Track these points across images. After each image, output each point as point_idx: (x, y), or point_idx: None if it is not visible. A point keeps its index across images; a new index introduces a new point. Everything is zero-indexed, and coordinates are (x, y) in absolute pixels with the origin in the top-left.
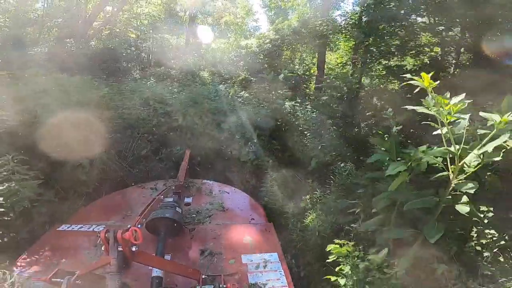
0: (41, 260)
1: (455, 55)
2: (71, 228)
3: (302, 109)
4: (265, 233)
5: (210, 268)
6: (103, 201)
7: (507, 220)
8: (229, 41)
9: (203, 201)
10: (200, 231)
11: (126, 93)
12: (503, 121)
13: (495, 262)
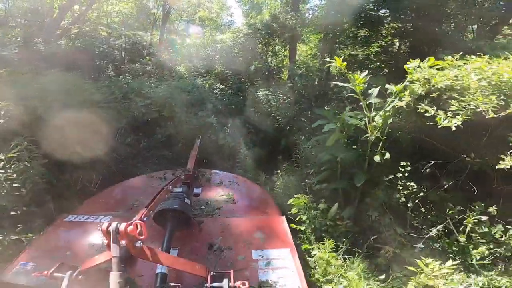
0: (45, 252)
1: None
2: (77, 219)
3: (274, 98)
4: (276, 227)
5: (218, 264)
6: (111, 191)
7: (424, 175)
8: (204, 36)
9: (213, 192)
10: (209, 223)
11: (104, 88)
12: (397, 90)
13: (419, 213)
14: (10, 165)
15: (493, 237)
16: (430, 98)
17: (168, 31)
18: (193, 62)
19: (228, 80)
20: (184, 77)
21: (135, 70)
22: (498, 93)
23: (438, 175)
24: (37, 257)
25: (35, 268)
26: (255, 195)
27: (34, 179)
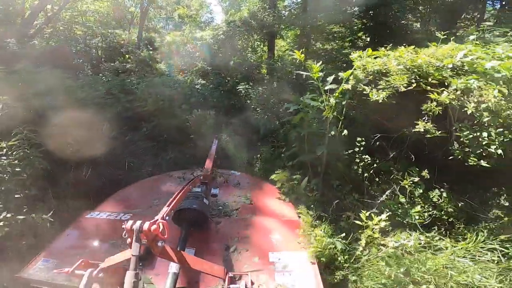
0: (67, 249)
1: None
2: (99, 216)
3: (254, 91)
4: (294, 229)
5: (235, 265)
6: (131, 189)
7: (375, 148)
8: (183, 34)
9: (231, 193)
10: (226, 224)
11: (85, 86)
12: (345, 75)
13: (373, 181)
14: (11, 152)
15: (431, 201)
16: (368, 81)
17: (147, 29)
18: (174, 59)
19: (209, 76)
20: (165, 74)
21: (114, 69)
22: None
23: (386, 147)
24: (59, 254)
25: (57, 265)
26: (272, 197)
27: (34, 165)
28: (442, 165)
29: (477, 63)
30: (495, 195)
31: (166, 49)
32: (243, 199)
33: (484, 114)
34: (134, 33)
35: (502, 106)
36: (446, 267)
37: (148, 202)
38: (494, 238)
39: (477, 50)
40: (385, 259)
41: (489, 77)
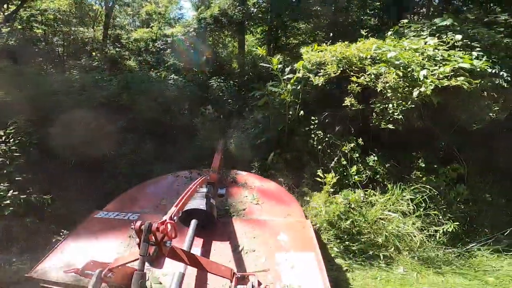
0: (76, 249)
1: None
2: (108, 216)
3: (225, 84)
4: (301, 230)
5: (242, 266)
6: (139, 189)
7: (327, 124)
8: (152, 30)
9: (237, 193)
10: (233, 225)
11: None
12: (298, 66)
13: (326, 152)
14: (9, 139)
15: (368, 164)
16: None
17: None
18: (143, 56)
19: (181, 71)
20: (136, 71)
21: (81, 66)
22: (340, 64)
23: (333, 123)
24: (69, 253)
25: (66, 265)
26: (279, 197)
27: (30, 151)
28: (375, 135)
29: (384, 54)
30: (415, 158)
31: (134, 46)
32: (250, 199)
33: (388, 91)
34: (99, 30)
35: (400, 85)
36: (380, 218)
37: (156, 202)
38: (409, 190)
39: (390, 43)
40: (337, 213)
41: (391, 64)
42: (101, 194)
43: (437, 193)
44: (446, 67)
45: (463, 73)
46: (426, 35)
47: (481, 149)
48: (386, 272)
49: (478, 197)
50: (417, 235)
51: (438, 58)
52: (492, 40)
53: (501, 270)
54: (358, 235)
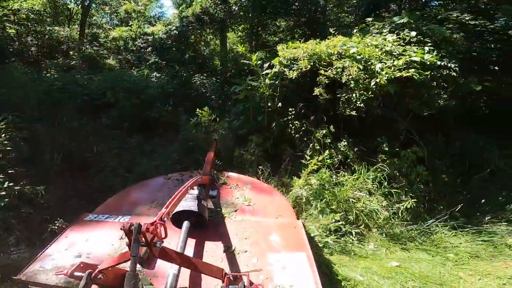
0: (65, 251)
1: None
2: (97, 218)
3: (208, 81)
4: (293, 231)
5: (234, 266)
6: (129, 191)
7: (303, 114)
8: (132, 29)
9: (229, 194)
10: (224, 226)
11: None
12: (275, 62)
13: (302, 140)
14: (0, 134)
15: (339, 149)
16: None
17: (89, 25)
18: (123, 55)
19: (163, 69)
20: (116, 69)
21: (58, 65)
22: (310, 59)
23: (308, 113)
24: (58, 256)
25: (56, 267)
26: (271, 198)
27: (21, 145)
28: (346, 123)
29: (348, 49)
30: (380, 143)
31: (113, 45)
32: (241, 200)
33: (351, 82)
34: (75, 29)
35: (361, 77)
36: (350, 198)
37: (146, 204)
38: (374, 170)
39: (356, 40)
40: (313, 194)
41: (354, 59)
42: (90, 187)
43: (399, 174)
44: (400, 61)
45: (415, 65)
46: (387, 32)
47: (438, 134)
48: (359, 248)
49: (436, 178)
50: (382, 212)
51: (395, 53)
52: (442, 36)
53: (460, 247)
54: (333, 214)
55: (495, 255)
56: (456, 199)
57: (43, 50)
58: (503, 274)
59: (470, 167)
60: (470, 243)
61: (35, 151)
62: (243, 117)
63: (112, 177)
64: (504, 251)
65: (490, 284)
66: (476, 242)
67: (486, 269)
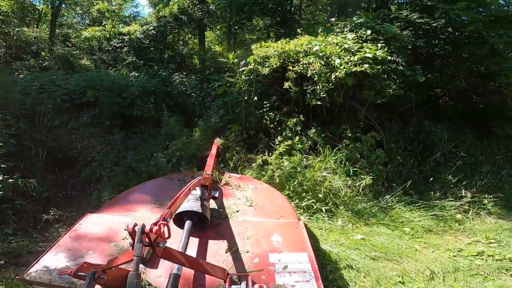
0: (69, 251)
1: None
2: (100, 219)
3: (187, 79)
4: (294, 231)
5: (236, 266)
6: (132, 191)
7: (277, 106)
8: (105, 29)
9: (231, 195)
10: (226, 226)
11: None
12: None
13: (277, 129)
14: None
15: (309, 136)
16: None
17: (60, 25)
18: (97, 55)
19: (141, 69)
20: (92, 69)
21: (30, 67)
22: (279, 57)
23: (281, 105)
24: (62, 255)
25: (60, 267)
26: (273, 199)
27: (9, 141)
28: (314, 113)
29: (312, 47)
30: (344, 130)
31: (86, 45)
32: (243, 201)
33: (315, 76)
34: (44, 30)
35: (323, 71)
36: (319, 179)
37: (149, 205)
38: (340, 155)
39: (320, 40)
40: (285, 176)
41: (317, 55)
42: (79, 180)
43: (360, 157)
44: (355, 57)
45: (368, 60)
46: (347, 31)
47: (394, 121)
48: (329, 224)
49: (393, 159)
50: (347, 190)
51: (352, 49)
52: (392, 33)
53: (414, 222)
54: (304, 193)
55: (446, 230)
56: (411, 179)
57: (11, 52)
58: (453, 247)
59: (424, 150)
60: (424, 218)
61: (21, 147)
62: (222, 111)
63: (99, 170)
64: (454, 225)
65: (441, 255)
66: (429, 218)
67: (438, 242)
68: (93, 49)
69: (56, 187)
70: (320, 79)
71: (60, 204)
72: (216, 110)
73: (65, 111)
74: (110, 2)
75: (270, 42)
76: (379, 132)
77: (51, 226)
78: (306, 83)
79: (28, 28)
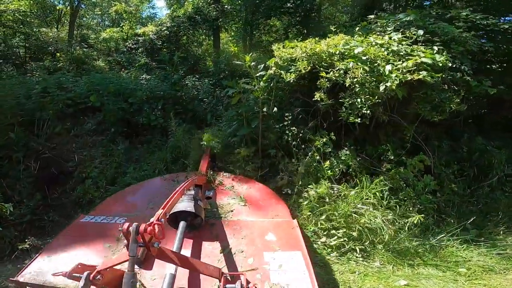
0: (63, 253)
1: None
2: (94, 220)
3: (200, 83)
4: (288, 230)
5: (231, 266)
6: (125, 192)
7: (301, 120)
8: (123, 30)
9: (225, 195)
10: (221, 226)
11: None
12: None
13: (300, 148)
14: None
15: (340, 158)
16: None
17: (79, 26)
18: (113, 56)
19: (153, 71)
20: (105, 71)
21: (44, 68)
22: (308, 60)
23: (306, 119)
24: (56, 257)
25: (54, 268)
26: (266, 198)
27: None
28: (346, 130)
29: (352, 49)
30: (384, 151)
31: (103, 46)
32: (237, 200)
33: (356, 86)
34: (64, 31)
35: (367, 80)
36: (353, 212)
37: (143, 206)
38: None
39: (358, 39)
40: (310, 207)
41: (358, 59)
42: (68, 201)
43: (405, 185)
44: (409, 62)
45: (425, 67)
46: (391, 30)
47: (445, 139)
48: (364, 266)
49: (445, 187)
50: (389, 227)
51: (402, 53)
52: (451, 35)
53: (472, 261)
54: (334, 230)
55: (508, 268)
56: (467, 209)
57: (30, 52)
58: None
59: (478, 174)
60: (483, 257)
61: (9, 161)
62: (235, 124)
63: (92, 190)
64: None
65: None
66: (489, 256)
67: (500, 283)
68: (110, 50)
69: (45, 206)
70: (362, 90)
71: (44, 229)
72: (228, 122)
73: (68, 116)
74: (127, 3)
75: (296, 41)
76: (427, 153)
77: (28, 255)
78: (341, 94)
79: (48, 28)
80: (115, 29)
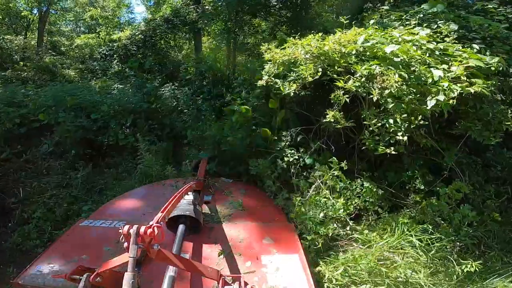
0: (62, 255)
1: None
2: (93, 224)
3: (181, 92)
4: (285, 233)
5: (229, 268)
6: (124, 197)
7: (302, 140)
8: (100, 36)
9: (223, 199)
10: (219, 230)
11: None
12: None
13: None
14: None
15: (353, 192)
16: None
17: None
18: (86, 64)
19: (128, 79)
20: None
21: (6, 78)
22: (318, 62)
23: (308, 139)
24: (54, 260)
25: (53, 271)
26: (264, 203)
27: None
28: (360, 153)
29: (377, 47)
30: (411, 178)
31: (77, 53)
32: (235, 205)
33: (388, 100)
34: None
35: (404, 91)
36: (378, 263)
37: (142, 210)
38: (413, 228)
39: (376, 34)
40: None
41: (389, 62)
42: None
43: (441, 220)
44: (460, 66)
45: (476, 72)
46: (414, 24)
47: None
48: None
49: (484, 217)
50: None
51: (437, 53)
52: (494, 31)
53: None
54: (354, 286)
55: None
56: (506, 237)
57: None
58: None
59: None
60: None
61: None
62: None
63: (34, 235)
64: None
65: None
66: None
67: None
68: (84, 57)
69: None
70: (399, 107)
71: None
72: (209, 142)
73: (20, 137)
74: (103, 8)
75: (293, 39)
76: (462, 179)
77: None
78: (364, 110)
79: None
80: (90, 35)
